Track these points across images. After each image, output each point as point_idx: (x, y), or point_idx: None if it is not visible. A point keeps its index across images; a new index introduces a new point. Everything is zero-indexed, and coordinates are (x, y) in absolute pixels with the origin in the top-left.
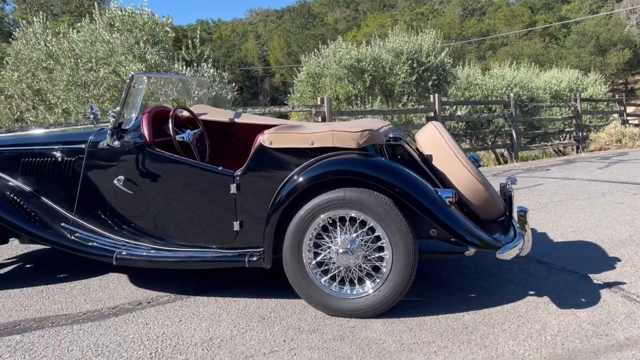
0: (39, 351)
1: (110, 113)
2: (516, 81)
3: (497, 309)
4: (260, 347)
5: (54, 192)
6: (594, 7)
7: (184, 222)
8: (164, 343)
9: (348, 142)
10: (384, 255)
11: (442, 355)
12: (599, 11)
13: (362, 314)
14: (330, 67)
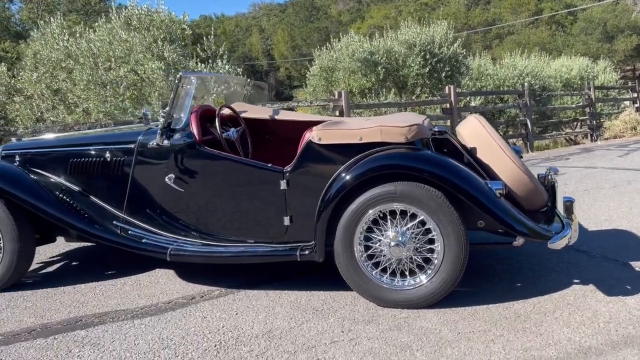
0: (107, 345)
1: (160, 113)
2: (528, 70)
3: (545, 298)
4: (320, 337)
5: (105, 191)
6: None
7: (234, 217)
8: (226, 335)
9: (396, 136)
10: (434, 247)
11: (500, 344)
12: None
13: (414, 305)
14: (343, 61)
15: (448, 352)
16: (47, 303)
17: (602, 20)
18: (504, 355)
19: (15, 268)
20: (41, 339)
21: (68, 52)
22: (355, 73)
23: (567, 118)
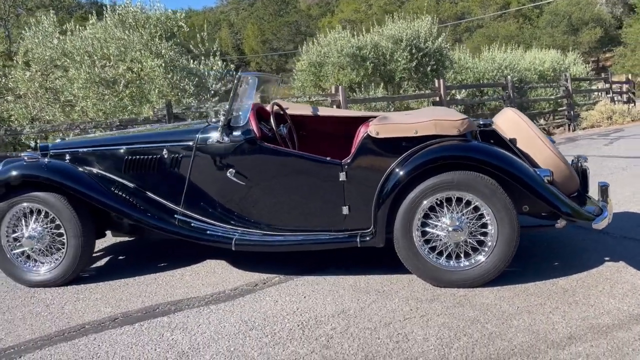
0: (195, 329)
1: (221, 112)
2: (506, 63)
3: (584, 274)
4: (393, 315)
5: (164, 186)
6: None
7: (294, 208)
8: (304, 316)
9: (450, 129)
10: (488, 231)
11: (559, 315)
12: None
13: (469, 284)
14: (331, 56)
15: (514, 323)
16: (116, 294)
17: (567, 13)
18: (565, 325)
19: (79, 262)
20: (127, 325)
21: (63, 50)
22: (344, 68)
23: (547, 109)
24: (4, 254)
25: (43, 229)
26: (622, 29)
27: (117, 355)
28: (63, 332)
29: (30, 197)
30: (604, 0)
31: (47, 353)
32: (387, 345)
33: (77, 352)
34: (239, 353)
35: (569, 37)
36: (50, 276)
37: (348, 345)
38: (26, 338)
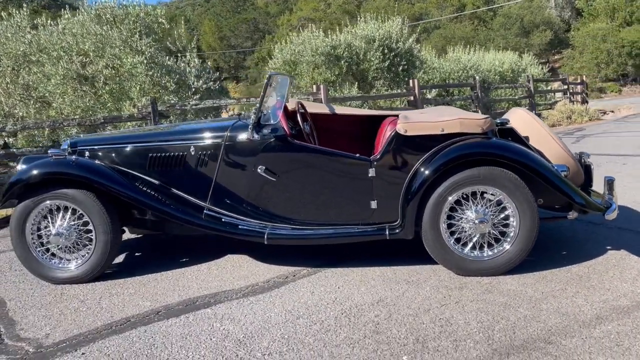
0: (242, 318)
1: (253, 110)
2: (470, 64)
3: (593, 262)
4: (429, 302)
5: (193, 182)
6: None
7: (323, 203)
8: (345, 305)
9: (474, 128)
10: (510, 222)
11: (582, 298)
12: None
13: (492, 272)
14: (306, 55)
15: (544, 307)
16: (149, 289)
17: (520, 16)
18: (589, 307)
19: (107, 258)
20: (173, 318)
21: (39, 46)
22: (319, 67)
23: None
24: (29, 252)
25: (70, 226)
26: (571, 32)
27: (174, 345)
28: (110, 326)
29: (57, 195)
30: (553, 4)
31: (103, 345)
32: (433, 329)
33: (132, 344)
34: (295, 340)
35: (521, 39)
36: (78, 272)
37: (397, 330)
38: (74, 333)
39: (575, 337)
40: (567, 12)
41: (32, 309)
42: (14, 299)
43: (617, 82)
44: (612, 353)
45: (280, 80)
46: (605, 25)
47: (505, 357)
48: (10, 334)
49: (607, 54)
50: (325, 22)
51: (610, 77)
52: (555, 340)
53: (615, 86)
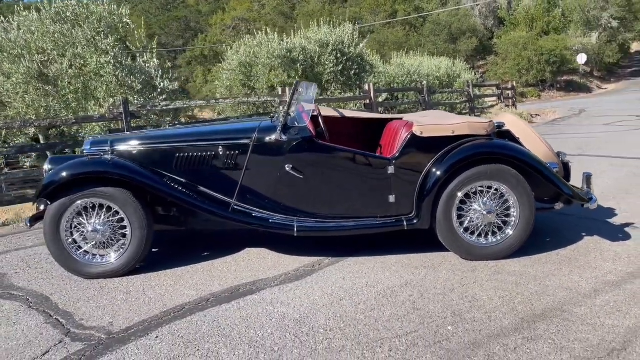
0: (291, 302)
1: (282, 113)
2: (413, 69)
3: (575, 246)
4: (451, 283)
5: (221, 180)
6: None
7: (346, 197)
8: (378, 288)
9: (480, 130)
10: (511, 213)
11: (577, 275)
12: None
13: (496, 256)
14: (261, 57)
15: (548, 283)
16: (187, 280)
17: (448, 23)
18: (585, 282)
19: (142, 253)
20: (225, 304)
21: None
22: (275, 69)
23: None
24: (63, 248)
25: (105, 222)
26: (494, 40)
27: (239, 326)
28: (168, 313)
29: (95, 193)
30: (478, 13)
31: (172, 329)
32: (464, 304)
33: (199, 327)
34: (348, 317)
35: (450, 46)
36: (113, 267)
37: (433, 307)
38: (136, 320)
39: (582, 306)
40: (490, 20)
41: (80, 302)
42: (54, 294)
43: (536, 87)
44: (616, 316)
45: (306, 87)
46: (525, 34)
47: (532, 324)
48: (72, 324)
49: (528, 61)
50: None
51: (530, 83)
52: (568, 309)
53: (535, 91)
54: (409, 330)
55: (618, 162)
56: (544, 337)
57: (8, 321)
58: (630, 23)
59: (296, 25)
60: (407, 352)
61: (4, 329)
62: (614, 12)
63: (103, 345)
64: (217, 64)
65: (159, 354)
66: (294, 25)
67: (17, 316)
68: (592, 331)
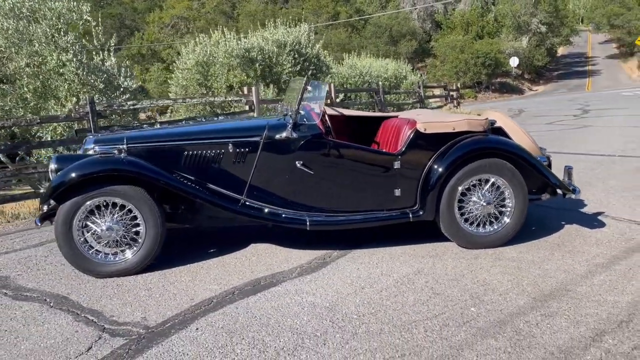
0: (314, 292)
1: (291, 112)
2: (365, 70)
3: (559, 233)
4: (459, 269)
5: (232, 176)
6: (382, 1)
7: (354, 192)
8: (393, 276)
9: (477, 127)
10: (506, 204)
11: (569, 259)
12: (387, 5)
13: (494, 244)
14: (219, 56)
15: (547, 267)
16: (204, 275)
17: (389, 25)
18: (579, 265)
19: (155, 251)
20: (252, 296)
21: None
22: (234, 69)
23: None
24: (75, 248)
25: (118, 221)
26: (431, 43)
27: (274, 315)
28: (199, 307)
29: (108, 191)
30: (416, 16)
31: (209, 321)
32: (478, 288)
33: (235, 318)
34: (376, 303)
35: (391, 48)
36: (126, 265)
37: (451, 291)
38: (169, 315)
39: (583, 285)
40: (428, 24)
41: (102, 300)
42: (71, 293)
43: (472, 89)
44: (615, 293)
45: (316, 85)
46: (461, 37)
47: (545, 302)
48: (105, 321)
49: (465, 63)
50: (201, 22)
51: (468, 85)
52: (571, 288)
53: (472, 92)
54: (436, 312)
55: (572, 157)
56: (559, 313)
57: (35, 321)
58: (557, 28)
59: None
60: (442, 331)
61: (35, 329)
62: (542, 17)
63: (145, 338)
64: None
65: (205, 344)
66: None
67: (42, 316)
68: (598, 307)
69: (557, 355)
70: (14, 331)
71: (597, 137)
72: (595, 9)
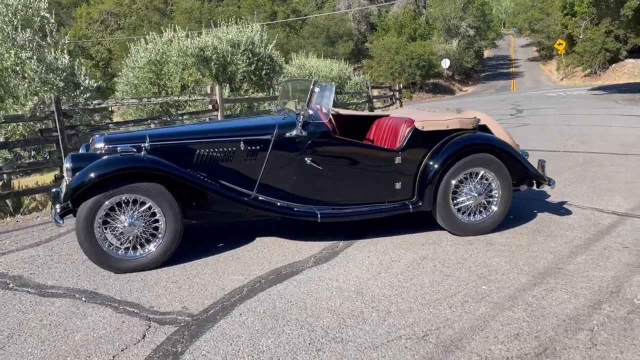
0: (337, 277)
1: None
2: (313, 70)
3: (534, 220)
4: (460, 254)
5: (244, 173)
6: (319, 2)
7: (359, 186)
8: (403, 262)
9: (468, 125)
10: (493, 194)
11: (552, 242)
12: (323, 6)
13: (483, 231)
14: (173, 55)
15: (534, 249)
16: (226, 268)
17: (326, 26)
18: (561, 247)
19: (175, 246)
20: (278, 284)
21: None
22: (189, 68)
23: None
24: (97, 244)
25: (139, 217)
26: (366, 44)
27: (309, 299)
28: (233, 294)
29: (130, 188)
30: (352, 17)
31: (250, 307)
32: (482, 269)
33: (272, 303)
34: (396, 286)
35: (328, 48)
36: (147, 260)
37: (459, 273)
38: (207, 303)
39: (570, 264)
40: (363, 25)
41: (134, 294)
42: (99, 289)
43: (407, 89)
44: (599, 269)
45: (324, 85)
46: (396, 39)
47: (543, 279)
48: (147, 311)
49: (400, 64)
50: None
51: (403, 85)
52: (562, 267)
53: (407, 93)
54: (453, 291)
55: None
56: (558, 287)
57: (75, 315)
58: (484, 32)
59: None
60: (464, 306)
61: (80, 322)
62: (470, 21)
63: (194, 325)
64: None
65: (254, 326)
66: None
67: (80, 310)
68: (588, 281)
69: (568, 322)
70: (59, 325)
71: (538, 135)
72: (518, 14)
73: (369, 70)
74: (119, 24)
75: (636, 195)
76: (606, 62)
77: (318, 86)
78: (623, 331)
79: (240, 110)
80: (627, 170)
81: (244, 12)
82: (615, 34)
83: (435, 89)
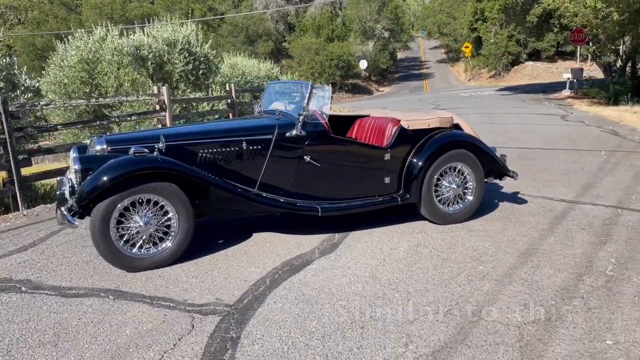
0: (346, 265)
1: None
2: (246, 70)
3: (500, 209)
4: (449, 240)
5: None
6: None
7: (353, 181)
8: (401, 249)
9: (447, 123)
10: (468, 186)
11: (523, 227)
12: (240, 4)
13: (461, 220)
14: (106, 54)
15: (509, 233)
16: (238, 263)
17: (245, 25)
18: (530, 231)
19: (187, 244)
20: (297, 273)
21: None
22: (125, 67)
23: None
24: (112, 244)
25: (152, 217)
26: (284, 44)
27: (332, 285)
28: (258, 285)
29: (145, 188)
30: (270, 17)
31: (279, 295)
32: (472, 253)
33: (300, 290)
34: (404, 270)
35: (248, 47)
36: (160, 258)
37: (455, 257)
38: (237, 294)
39: (544, 245)
40: (281, 25)
41: (161, 289)
42: (122, 286)
43: None
44: (569, 248)
45: (321, 88)
46: (314, 39)
47: (527, 259)
48: (184, 304)
49: (320, 65)
50: (36, 12)
51: None
52: (539, 247)
53: None
54: (456, 273)
55: None
56: (542, 264)
57: (113, 312)
58: (398, 34)
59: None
60: (471, 284)
61: (121, 317)
62: (385, 24)
63: (237, 313)
64: None
65: (294, 311)
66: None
67: (114, 307)
68: (564, 258)
69: (562, 293)
70: (102, 322)
71: None
72: (427, 18)
73: (289, 70)
74: (19, 19)
75: (575, 184)
76: (509, 64)
77: (316, 88)
78: (607, 297)
79: (180, 112)
80: (559, 163)
81: (159, 8)
82: (517, 38)
83: (354, 89)
